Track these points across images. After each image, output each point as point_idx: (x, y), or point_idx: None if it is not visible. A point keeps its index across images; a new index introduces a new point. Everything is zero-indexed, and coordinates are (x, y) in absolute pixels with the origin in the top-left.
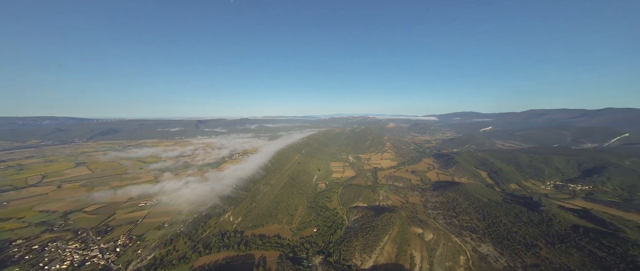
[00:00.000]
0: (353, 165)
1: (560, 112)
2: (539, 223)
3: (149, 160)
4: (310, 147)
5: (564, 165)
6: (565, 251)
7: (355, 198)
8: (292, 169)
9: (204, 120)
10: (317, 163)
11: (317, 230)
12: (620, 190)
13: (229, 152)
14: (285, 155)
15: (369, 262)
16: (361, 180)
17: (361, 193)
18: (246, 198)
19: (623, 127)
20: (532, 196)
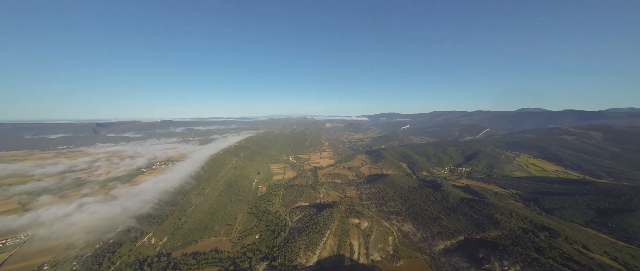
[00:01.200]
0: (294, 165)
1: (451, 113)
2: (440, 200)
3: (9, 181)
4: (249, 149)
5: (455, 154)
6: (456, 218)
7: (297, 198)
8: (229, 175)
9: (106, 123)
10: (256, 166)
11: (260, 236)
12: (485, 169)
13: (146, 161)
14: (220, 160)
15: (313, 259)
16: (302, 180)
17: (303, 192)
18: (173, 214)
19: (486, 124)
20: (436, 179)
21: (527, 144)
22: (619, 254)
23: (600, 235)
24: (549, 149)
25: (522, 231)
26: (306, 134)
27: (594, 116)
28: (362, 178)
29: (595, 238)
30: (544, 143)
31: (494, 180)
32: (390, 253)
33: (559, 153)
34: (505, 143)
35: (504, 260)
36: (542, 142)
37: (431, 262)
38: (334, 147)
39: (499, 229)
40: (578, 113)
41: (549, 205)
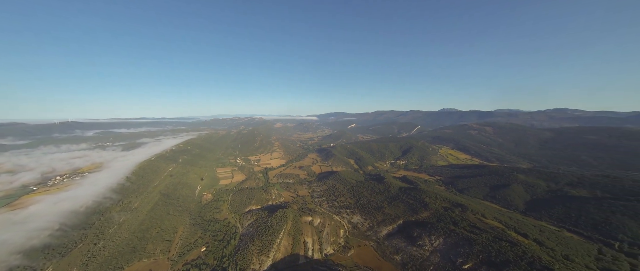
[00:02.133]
0: (243, 168)
1: (391, 113)
2: (383, 190)
3: None
4: (190, 153)
5: (394, 149)
6: (396, 206)
7: (247, 202)
8: (164, 184)
9: None
10: (199, 171)
11: (207, 248)
12: (418, 161)
13: (37, 176)
14: (152, 167)
15: (267, 262)
16: (252, 182)
17: (254, 195)
18: (86, 239)
19: (418, 122)
20: (379, 173)
21: (446, 138)
22: (503, 217)
23: (492, 205)
24: (460, 142)
25: (444, 210)
26: (255, 135)
27: (487, 115)
28: (314, 177)
29: (489, 208)
30: (457, 137)
31: (424, 170)
32: (342, 244)
33: (467, 144)
34: (432, 138)
35: (431, 235)
36: (456, 136)
37: (377, 247)
38: (284, 146)
39: (428, 210)
40: (478, 113)
41: (461, 186)
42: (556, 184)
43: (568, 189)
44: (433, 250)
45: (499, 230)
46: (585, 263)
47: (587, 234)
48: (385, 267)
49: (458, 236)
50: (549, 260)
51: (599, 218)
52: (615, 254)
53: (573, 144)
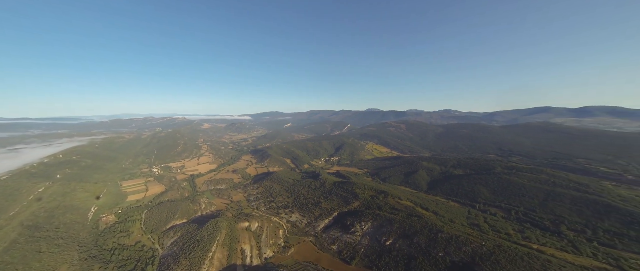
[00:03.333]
0: (161, 178)
1: (324, 112)
2: (319, 187)
3: None
4: (76, 166)
5: (328, 146)
6: (331, 199)
7: (169, 217)
8: (29, 212)
9: None
10: (93, 188)
11: None
12: (349, 156)
13: None
14: (4, 191)
15: None
16: (175, 193)
17: (177, 208)
18: None
19: (348, 120)
20: (315, 170)
21: (371, 135)
22: (413, 197)
23: (406, 189)
24: (383, 137)
25: (371, 198)
26: (177, 137)
27: (402, 114)
28: (249, 179)
29: (404, 191)
30: (380, 134)
31: (355, 164)
32: (281, 245)
33: (388, 139)
34: (360, 135)
35: (361, 221)
36: (379, 132)
37: (316, 241)
38: (214, 149)
39: (359, 200)
40: (395, 112)
41: (384, 175)
42: (445, 167)
43: (452, 170)
44: (363, 234)
45: (410, 208)
46: (461, 222)
47: (462, 201)
48: (323, 258)
49: (382, 218)
50: (441, 224)
51: (468, 188)
52: (476, 213)
53: (454, 136)
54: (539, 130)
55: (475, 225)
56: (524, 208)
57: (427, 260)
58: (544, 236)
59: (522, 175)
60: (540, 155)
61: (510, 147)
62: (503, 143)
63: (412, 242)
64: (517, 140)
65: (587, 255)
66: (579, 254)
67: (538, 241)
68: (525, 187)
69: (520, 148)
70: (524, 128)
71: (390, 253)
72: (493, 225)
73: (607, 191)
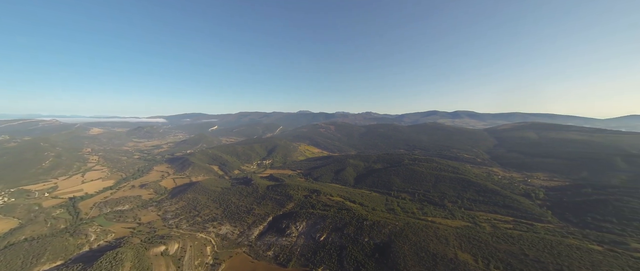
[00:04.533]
0: (11, 208)
1: (255, 114)
2: (252, 192)
3: None
4: None
5: (260, 149)
6: (265, 204)
7: (31, 262)
8: None
9: None
10: None
11: None
12: (282, 158)
13: None
14: None
15: None
16: (40, 227)
17: (45, 247)
18: None
19: (281, 122)
20: (247, 175)
21: (303, 136)
22: (342, 193)
23: (336, 185)
24: (314, 138)
25: (305, 198)
26: (42, 148)
27: (331, 116)
28: (166, 193)
29: (334, 188)
30: (311, 135)
31: (288, 166)
32: (210, 263)
33: (319, 140)
34: (293, 137)
35: (297, 222)
36: (310, 134)
37: (250, 250)
38: (110, 161)
39: (293, 201)
40: (324, 114)
41: (316, 174)
42: (368, 163)
43: (373, 165)
44: (299, 234)
45: (340, 203)
46: (381, 208)
47: (381, 191)
48: (259, 267)
49: (316, 216)
50: (366, 213)
51: (386, 179)
52: (392, 199)
53: (374, 135)
54: (431, 128)
55: (391, 209)
56: (423, 190)
57: (356, 246)
58: (435, 210)
59: (421, 164)
60: (432, 148)
61: (414, 142)
62: (409, 140)
63: (343, 234)
64: (418, 137)
65: (459, 219)
66: (454, 219)
67: (432, 215)
68: (423, 174)
69: (420, 143)
70: (422, 128)
71: (324, 247)
72: (403, 207)
73: (468, 171)
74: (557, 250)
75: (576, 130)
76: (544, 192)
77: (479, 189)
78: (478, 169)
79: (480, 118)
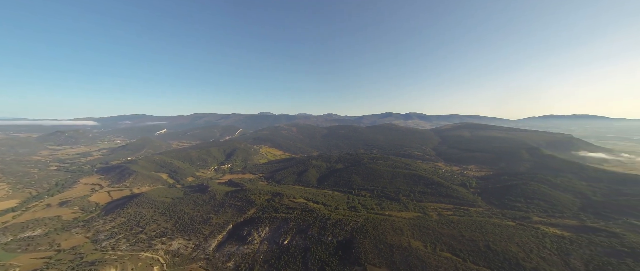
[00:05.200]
0: None
1: (211, 116)
2: (209, 200)
3: None
4: None
5: (217, 153)
6: (224, 212)
7: None
8: None
9: None
10: None
11: None
12: (242, 162)
13: None
14: None
15: None
16: None
17: None
18: None
19: (240, 124)
20: (203, 182)
21: (265, 138)
22: (305, 194)
23: (299, 187)
24: (276, 140)
25: (267, 202)
26: None
27: (293, 118)
28: (97, 210)
29: (297, 190)
30: (273, 137)
31: (249, 170)
32: None
33: (281, 142)
34: (253, 139)
35: (259, 228)
36: (272, 136)
37: (208, 264)
38: (13, 175)
39: (255, 206)
40: (287, 116)
41: (279, 177)
42: (330, 163)
43: (335, 165)
44: (262, 241)
45: (304, 205)
46: (343, 207)
47: (343, 190)
48: None
49: (279, 220)
50: (329, 213)
51: (347, 179)
52: (353, 197)
53: (336, 136)
54: (387, 129)
55: (353, 207)
56: (381, 187)
57: (320, 246)
58: (392, 204)
59: (379, 163)
60: (388, 147)
61: (372, 142)
62: (368, 140)
63: (307, 235)
64: (376, 137)
65: (411, 210)
66: (407, 211)
67: (389, 209)
68: (381, 172)
69: (377, 143)
70: (379, 128)
71: (288, 251)
72: (363, 204)
73: (418, 167)
74: (485, 229)
75: (497, 129)
76: (475, 181)
77: (427, 182)
78: (426, 165)
79: (428, 119)
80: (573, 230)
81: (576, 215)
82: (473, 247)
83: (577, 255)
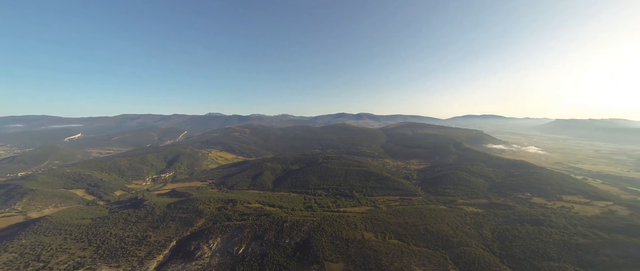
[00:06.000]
0: None
1: (147, 117)
2: (145, 216)
3: None
4: None
5: (156, 160)
6: (166, 227)
7: None
8: None
9: None
10: None
11: None
12: (188, 169)
13: None
14: None
15: None
16: None
17: None
18: None
19: (184, 127)
20: (137, 195)
21: (215, 141)
22: (261, 198)
23: (254, 191)
24: (227, 143)
25: (218, 210)
26: None
27: (245, 119)
28: None
29: (252, 194)
30: (224, 139)
31: (196, 177)
32: None
33: (233, 145)
34: (201, 143)
35: (209, 240)
36: (223, 138)
37: None
38: None
39: (204, 217)
40: (239, 117)
41: (231, 183)
42: (286, 164)
43: (291, 166)
44: (213, 253)
45: (259, 209)
46: (300, 208)
47: (300, 190)
48: None
49: (232, 228)
50: (285, 215)
51: (303, 179)
52: (309, 197)
53: (291, 137)
54: (340, 129)
55: (309, 207)
56: (336, 185)
57: (277, 250)
58: (346, 201)
59: (333, 162)
60: (342, 146)
61: (326, 142)
62: (322, 140)
63: (263, 240)
64: (330, 137)
65: (364, 205)
66: (360, 206)
67: (344, 205)
68: (335, 170)
69: (332, 143)
70: (333, 128)
71: (243, 260)
72: (320, 203)
73: (369, 164)
74: (424, 214)
75: (431, 127)
76: (416, 173)
77: (377, 178)
78: (376, 161)
79: (377, 119)
80: (484, 207)
81: (486, 195)
82: (415, 232)
83: (487, 226)
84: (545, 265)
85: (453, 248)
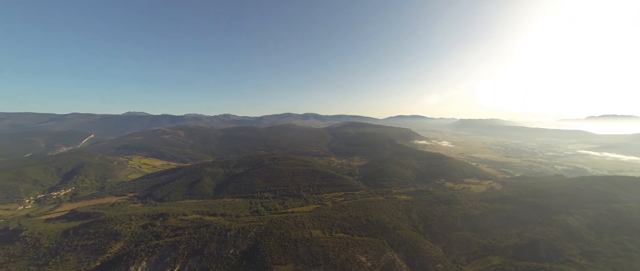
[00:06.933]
0: None
1: (24, 117)
2: (24, 253)
3: None
4: None
5: (42, 175)
6: (62, 260)
7: None
8: None
9: None
10: None
11: None
12: (97, 182)
13: None
14: None
15: None
16: None
17: None
18: None
19: (90, 129)
20: (8, 226)
21: (137, 146)
22: (199, 208)
23: (191, 201)
24: (155, 148)
25: (143, 228)
26: None
27: (178, 119)
28: None
29: (189, 205)
30: (150, 144)
31: (109, 191)
32: None
33: (162, 150)
34: (117, 149)
35: (131, 266)
36: (149, 142)
37: None
38: None
39: (121, 239)
40: (170, 117)
41: (161, 194)
42: (229, 168)
43: (234, 170)
44: None
45: (198, 220)
46: (245, 213)
47: (245, 195)
48: None
49: (162, 247)
50: (229, 223)
51: (248, 183)
52: (256, 201)
53: (234, 139)
54: (286, 129)
55: (256, 211)
56: (283, 186)
57: (220, 264)
58: (294, 201)
59: (280, 163)
60: (288, 146)
61: (272, 143)
62: (268, 141)
63: (203, 255)
64: (276, 138)
65: (311, 203)
66: (308, 204)
67: (291, 206)
68: (282, 171)
69: (278, 143)
70: (279, 128)
71: None
72: (267, 206)
73: (315, 163)
74: (366, 206)
75: (370, 126)
76: (358, 169)
77: (324, 176)
78: (322, 160)
79: (322, 119)
80: (412, 194)
81: (413, 184)
82: (358, 223)
83: (414, 211)
84: (454, 234)
85: (389, 233)
